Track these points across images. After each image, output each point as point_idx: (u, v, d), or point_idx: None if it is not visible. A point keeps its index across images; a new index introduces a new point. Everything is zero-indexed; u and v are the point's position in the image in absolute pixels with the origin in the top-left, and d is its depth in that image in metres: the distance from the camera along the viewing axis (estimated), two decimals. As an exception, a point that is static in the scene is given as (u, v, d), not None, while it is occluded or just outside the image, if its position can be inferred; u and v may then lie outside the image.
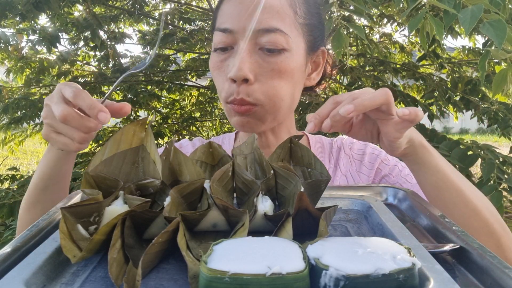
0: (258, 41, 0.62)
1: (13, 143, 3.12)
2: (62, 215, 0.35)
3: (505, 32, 0.67)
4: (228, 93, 0.64)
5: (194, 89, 3.17)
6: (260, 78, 0.63)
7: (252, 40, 0.62)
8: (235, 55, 0.63)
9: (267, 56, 0.62)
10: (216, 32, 0.65)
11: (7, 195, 1.38)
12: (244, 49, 0.61)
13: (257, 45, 0.62)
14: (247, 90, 0.62)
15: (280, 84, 0.64)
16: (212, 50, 0.67)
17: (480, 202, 0.58)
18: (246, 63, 0.61)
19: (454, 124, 10.55)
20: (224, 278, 0.28)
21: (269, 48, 0.61)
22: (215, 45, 0.65)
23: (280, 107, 0.66)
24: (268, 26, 0.61)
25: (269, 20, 0.61)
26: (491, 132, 9.12)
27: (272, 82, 0.63)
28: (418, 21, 0.73)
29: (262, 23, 0.61)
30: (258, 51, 0.62)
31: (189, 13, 2.80)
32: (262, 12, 0.61)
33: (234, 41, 0.63)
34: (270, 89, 0.63)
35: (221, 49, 0.64)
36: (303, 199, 0.39)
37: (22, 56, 2.51)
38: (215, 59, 0.66)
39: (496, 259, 0.34)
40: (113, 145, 0.47)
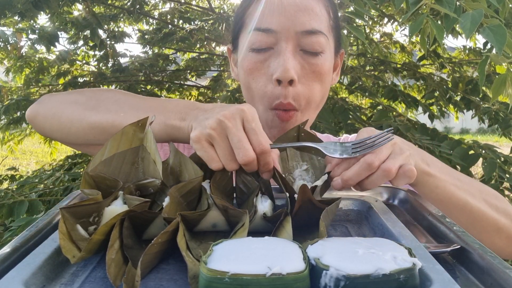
0: (300, 42, 0.61)
1: (12, 142, 3.12)
2: (61, 215, 0.35)
3: (505, 38, 0.67)
4: (274, 96, 0.61)
5: (194, 89, 3.17)
6: (302, 80, 0.62)
7: (294, 41, 0.61)
8: (276, 56, 0.61)
9: (308, 58, 0.62)
10: (254, 32, 0.62)
11: (6, 195, 1.38)
12: (287, 50, 0.60)
13: (298, 46, 0.61)
14: (293, 93, 0.61)
15: (318, 86, 0.64)
16: (246, 50, 0.64)
17: (484, 203, 0.57)
18: (292, 63, 0.60)
19: (455, 124, 10.54)
20: (224, 278, 0.28)
21: (311, 50, 0.61)
22: (252, 45, 0.62)
23: (311, 109, 0.65)
24: (311, 28, 0.60)
25: (312, 22, 0.61)
26: (491, 132, 9.12)
27: (312, 84, 0.63)
28: (419, 25, 0.73)
29: (305, 25, 0.60)
30: (299, 52, 0.62)
31: (189, 13, 2.80)
32: (303, 13, 0.60)
33: (275, 42, 0.61)
34: (309, 91, 0.63)
35: (259, 50, 0.62)
36: (306, 191, 0.39)
37: (21, 55, 2.50)
38: (252, 59, 0.63)
39: (497, 259, 0.34)
40: (113, 145, 0.47)
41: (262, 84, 0.63)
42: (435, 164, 0.58)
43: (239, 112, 0.47)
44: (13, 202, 1.32)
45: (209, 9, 2.72)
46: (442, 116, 2.19)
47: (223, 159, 0.46)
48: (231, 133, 0.45)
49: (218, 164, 0.46)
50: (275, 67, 0.60)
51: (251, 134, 0.46)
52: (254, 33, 0.62)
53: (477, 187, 0.60)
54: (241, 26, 0.67)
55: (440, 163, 0.59)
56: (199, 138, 0.47)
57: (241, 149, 0.45)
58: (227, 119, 0.46)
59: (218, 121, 0.46)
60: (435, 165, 0.57)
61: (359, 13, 0.87)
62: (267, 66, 0.62)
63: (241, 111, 0.47)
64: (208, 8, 2.74)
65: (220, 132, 0.46)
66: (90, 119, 0.59)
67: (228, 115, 0.46)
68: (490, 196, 0.59)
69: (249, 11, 0.65)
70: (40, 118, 0.66)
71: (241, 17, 0.67)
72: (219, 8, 2.98)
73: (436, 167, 0.57)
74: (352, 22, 1.36)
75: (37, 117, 0.66)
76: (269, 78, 0.62)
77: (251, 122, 0.46)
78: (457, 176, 0.59)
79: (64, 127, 0.62)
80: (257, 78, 0.63)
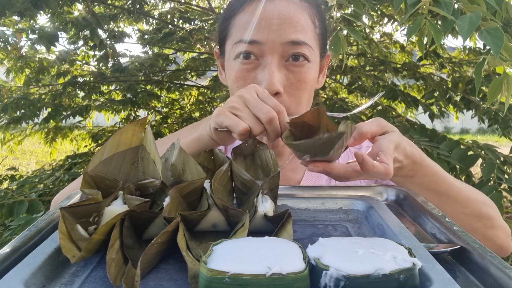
0: (285, 53, 0.63)
1: (12, 142, 3.12)
2: (61, 215, 0.35)
3: (502, 41, 0.67)
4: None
5: (193, 88, 3.17)
6: (288, 89, 0.64)
7: (279, 52, 0.63)
8: (263, 67, 0.63)
9: (292, 68, 0.64)
10: (240, 44, 0.64)
11: (6, 195, 1.38)
12: (272, 62, 0.62)
13: (283, 58, 0.63)
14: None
15: (304, 94, 0.66)
16: (232, 59, 0.66)
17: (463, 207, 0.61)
18: (277, 77, 0.62)
19: (455, 124, 10.55)
20: (224, 278, 0.28)
21: (295, 61, 0.63)
22: (237, 55, 0.64)
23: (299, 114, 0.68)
24: (296, 39, 0.62)
25: (296, 34, 0.62)
26: (491, 132, 9.13)
27: (298, 93, 0.65)
28: (417, 27, 0.73)
29: (290, 36, 0.62)
30: (284, 64, 0.64)
31: (189, 12, 2.80)
32: (288, 25, 0.62)
33: (260, 54, 0.63)
34: (296, 99, 0.65)
35: (245, 57, 0.64)
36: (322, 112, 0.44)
37: (21, 55, 2.50)
38: (239, 69, 0.65)
39: (497, 259, 0.34)
40: (113, 145, 0.47)
41: None
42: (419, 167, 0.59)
43: (252, 87, 0.55)
44: (13, 202, 1.32)
45: (209, 9, 2.72)
46: (442, 116, 2.19)
47: (249, 121, 0.52)
48: (250, 101, 0.53)
49: (244, 124, 0.51)
50: (261, 79, 0.63)
51: (265, 100, 0.53)
52: (240, 44, 0.64)
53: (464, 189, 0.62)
54: (226, 34, 0.68)
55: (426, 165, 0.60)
56: (222, 110, 0.53)
57: (262, 109, 0.52)
58: (243, 93, 0.54)
59: (236, 96, 0.54)
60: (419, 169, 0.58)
61: (357, 14, 0.87)
62: (253, 77, 0.64)
63: (252, 86, 0.55)
64: (208, 8, 2.74)
65: (241, 103, 0.53)
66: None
67: (243, 91, 0.55)
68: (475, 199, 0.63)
69: (234, 21, 0.66)
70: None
71: (226, 26, 0.68)
72: (219, 8, 2.98)
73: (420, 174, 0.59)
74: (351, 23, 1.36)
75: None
76: None
77: (263, 92, 0.54)
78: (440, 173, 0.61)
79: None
80: (242, 87, 0.65)
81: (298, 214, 0.50)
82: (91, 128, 3.21)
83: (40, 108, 2.42)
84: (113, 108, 2.83)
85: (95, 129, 2.96)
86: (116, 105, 2.79)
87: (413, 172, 0.57)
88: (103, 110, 2.83)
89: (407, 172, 0.57)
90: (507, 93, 0.78)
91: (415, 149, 0.57)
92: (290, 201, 0.52)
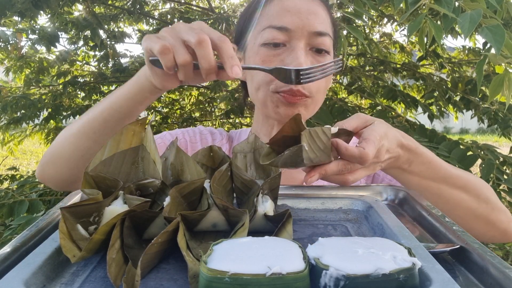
0: (310, 41, 0.67)
1: (12, 143, 3.11)
2: (61, 215, 0.35)
3: (504, 38, 0.67)
4: (281, 84, 0.66)
5: (194, 88, 3.17)
6: None
7: (306, 40, 0.67)
8: (290, 52, 0.66)
9: (316, 56, 0.68)
10: (269, 29, 0.67)
11: (7, 195, 1.38)
12: (300, 47, 0.66)
13: (309, 45, 0.67)
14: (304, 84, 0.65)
15: (323, 83, 0.70)
16: (258, 45, 0.68)
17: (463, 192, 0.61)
18: (304, 58, 0.65)
19: (454, 124, 10.55)
20: (224, 278, 0.28)
21: (319, 49, 0.68)
22: (267, 40, 0.67)
23: (319, 103, 0.72)
24: (322, 29, 0.67)
25: (321, 25, 0.68)
26: (491, 132, 9.12)
27: (321, 80, 0.67)
28: (417, 25, 0.73)
29: (316, 27, 0.67)
30: (309, 51, 0.68)
31: (189, 13, 2.80)
32: (314, 16, 0.67)
33: (288, 40, 0.67)
34: (319, 85, 0.69)
35: (274, 45, 0.67)
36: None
37: (21, 55, 2.50)
38: (266, 53, 0.67)
39: (497, 259, 0.34)
40: (113, 145, 0.47)
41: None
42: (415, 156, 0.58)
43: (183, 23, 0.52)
44: (13, 202, 1.32)
45: (209, 9, 2.72)
46: (442, 116, 2.19)
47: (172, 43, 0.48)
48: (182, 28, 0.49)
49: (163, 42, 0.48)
50: (289, 61, 0.65)
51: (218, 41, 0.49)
52: (268, 30, 0.67)
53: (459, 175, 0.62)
54: (249, 24, 0.72)
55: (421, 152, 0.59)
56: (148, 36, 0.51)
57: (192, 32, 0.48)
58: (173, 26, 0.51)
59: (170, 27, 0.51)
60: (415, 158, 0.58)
61: (358, 13, 0.87)
62: (280, 60, 0.67)
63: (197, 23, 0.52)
64: (208, 8, 2.74)
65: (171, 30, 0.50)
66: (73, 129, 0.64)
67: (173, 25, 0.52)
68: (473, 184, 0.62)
69: (261, 11, 0.70)
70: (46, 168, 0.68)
71: (250, 16, 0.72)
72: (219, 8, 2.98)
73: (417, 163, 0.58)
74: (351, 23, 1.36)
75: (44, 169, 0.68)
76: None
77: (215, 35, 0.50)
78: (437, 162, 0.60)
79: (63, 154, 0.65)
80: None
81: (298, 214, 0.50)
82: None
83: (40, 109, 2.42)
84: (113, 108, 2.82)
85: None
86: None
87: (409, 162, 0.57)
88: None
89: (404, 162, 0.57)
90: (507, 91, 0.78)
91: (407, 138, 0.57)
92: (290, 201, 0.52)
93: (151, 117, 0.68)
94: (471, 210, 0.60)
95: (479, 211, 0.61)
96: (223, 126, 3.31)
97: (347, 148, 0.47)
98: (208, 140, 0.81)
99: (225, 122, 3.22)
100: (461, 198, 0.60)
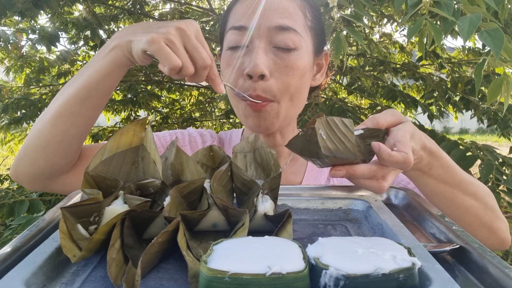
0: (272, 39, 0.63)
1: (12, 142, 3.11)
2: (62, 215, 0.35)
3: (503, 42, 0.67)
4: (243, 89, 0.64)
5: (194, 89, 3.17)
6: (275, 74, 0.64)
7: (267, 38, 0.63)
8: (250, 53, 0.63)
9: (280, 53, 0.64)
10: (231, 31, 0.66)
11: (7, 195, 1.38)
12: (259, 47, 0.63)
13: (271, 43, 0.64)
14: (263, 86, 0.63)
15: (293, 81, 0.65)
16: (225, 49, 0.67)
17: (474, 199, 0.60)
18: (262, 59, 0.62)
19: (454, 124, 10.55)
20: (224, 278, 0.28)
21: (283, 46, 0.63)
22: (229, 43, 0.66)
23: (293, 103, 0.67)
24: (283, 24, 0.63)
25: (284, 19, 0.63)
26: (491, 132, 9.13)
27: (287, 79, 0.64)
28: (417, 28, 0.73)
29: (276, 21, 0.63)
30: (272, 49, 0.64)
31: (189, 13, 2.80)
32: (276, 11, 0.63)
33: (249, 40, 0.64)
34: (284, 85, 0.64)
35: (234, 48, 0.65)
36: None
37: (22, 55, 2.50)
38: (228, 57, 0.66)
39: (496, 259, 0.34)
40: (113, 145, 0.47)
41: (234, 79, 0.66)
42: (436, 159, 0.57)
43: (192, 26, 0.53)
44: (13, 201, 1.32)
45: (209, 9, 2.72)
46: (441, 116, 2.19)
47: (183, 58, 0.50)
48: (190, 40, 0.51)
49: (178, 62, 0.50)
50: (247, 63, 0.63)
51: (203, 44, 0.53)
52: (230, 32, 0.66)
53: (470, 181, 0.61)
54: (224, 28, 0.70)
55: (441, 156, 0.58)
56: (156, 39, 0.50)
57: (202, 53, 0.51)
58: (183, 26, 0.51)
59: (176, 28, 0.51)
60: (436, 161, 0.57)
61: (358, 15, 0.87)
62: (240, 63, 0.65)
63: (191, 25, 0.53)
64: (208, 8, 2.74)
65: (179, 39, 0.51)
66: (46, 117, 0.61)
67: (183, 26, 0.52)
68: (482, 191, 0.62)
69: (229, 13, 0.69)
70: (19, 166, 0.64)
71: (225, 21, 0.70)
72: (219, 9, 2.98)
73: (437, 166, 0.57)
74: (351, 24, 1.36)
75: (16, 168, 0.65)
76: (241, 73, 0.64)
77: (201, 36, 0.53)
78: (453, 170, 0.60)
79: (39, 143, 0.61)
80: (230, 74, 0.66)
81: (298, 214, 0.50)
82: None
83: (40, 109, 2.42)
84: (113, 108, 2.83)
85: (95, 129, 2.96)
86: (117, 105, 2.79)
87: (430, 165, 0.55)
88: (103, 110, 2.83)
89: (426, 165, 0.55)
90: (506, 93, 0.78)
91: (430, 141, 0.55)
92: (290, 201, 0.52)
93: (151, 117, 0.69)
94: (478, 217, 0.60)
95: (485, 219, 0.60)
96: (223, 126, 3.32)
97: (391, 154, 0.44)
98: (198, 142, 0.79)
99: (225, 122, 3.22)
100: (471, 204, 0.59)
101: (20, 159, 0.64)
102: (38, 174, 0.64)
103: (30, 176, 0.65)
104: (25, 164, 0.63)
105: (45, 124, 0.61)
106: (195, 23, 0.54)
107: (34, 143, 0.62)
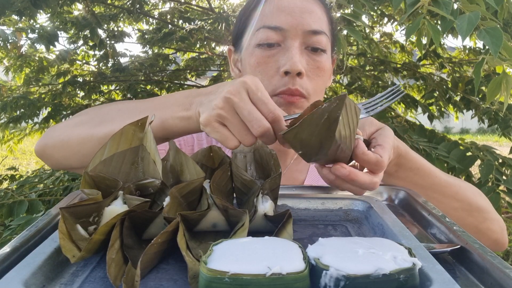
0: (305, 40, 0.66)
1: (11, 142, 3.11)
2: (61, 215, 0.35)
3: (501, 40, 0.67)
4: (279, 85, 0.65)
5: (193, 88, 3.17)
6: (308, 73, 0.66)
7: (301, 39, 0.66)
8: (284, 52, 0.65)
9: (312, 55, 0.67)
10: (264, 29, 0.66)
11: (6, 195, 1.38)
12: (295, 46, 0.65)
13: (304, 44, 0.66)
14: (301, 83, 0.65)
15: (321, 82, 0.69)
16: (255, 46, 0.67)
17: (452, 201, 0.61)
18: (299, 58, 0.64)
19: (455, 124, 10.55)
20: (224, 278, 0.28)
21: (315, 48, 0.66)
22: (261, 41, 0.66)
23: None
24: (317, 28, 0.66)
25: (316, 23, 0.67)
26: (491, 132, 9.13)
27: (317, 79, 0.67)
28: (416, 27, 0.74)
29: (310, 25, 0.66)
30: (304, 50, 0.67)
31: (189, 12, 2.80)
32: (309, 15, 0.66)
33: (283, 39, 0.66)
34: (316, 85, 0.67)
35: (268, 45, 0.66)
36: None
37: (21, 54, 2.50)
38: (260, 54, 0.67)
39: (497, 259, 0.34)
40: (113, 145, 0.47)
41: (270, 75, 0.66)
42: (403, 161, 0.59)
43: (243, 85, 0.46)
44: (13, 202, 1.32)
45: (209, 9, 2.72)
46: (442, 116, 2.19)
47: (238, 135, 0.46)
48: (240, 107, 0.45)
49: (234, 141, 0.47)
50: (284, 61, 0.64)
51: (259, 104, 0.46)
52: (263, 30, 0.66)
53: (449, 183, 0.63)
54: (247, 25, 0.71)
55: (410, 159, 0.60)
56: (208, 121, 0.47)
57: (253, 120, 0.45)
58: (232, 95, 0.46)
59: (224, 99, 0.46)
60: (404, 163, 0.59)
61: (357, 14, 0.87)
62: (275, 60, 0.66)
63: (244, 83, 0.47)
64: (208, 8, 2.74)
65: (229, 110, 0.46)
66: (99, 134, 0.58)
67: (232, 91, 0.46)
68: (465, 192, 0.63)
69: (256, 12, 0.69)
70: (50, 150, 0.65)
71: (247, 17, 0.71)
72: (219, 8, 2.98)
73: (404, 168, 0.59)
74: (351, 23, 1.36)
75: (46, 150, 0.65)
76: (277, 71, 0.65)
77: (256, 92, 0.46)
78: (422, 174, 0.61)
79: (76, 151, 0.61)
80: (264, 70, 0.67)
81: (298, 214, 0.50)
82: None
83: (40, 108, 2.42)
84: (113, 108, 2.82)
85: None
86: (116, 105, 2.78)
87: (397, 166, 0.57)
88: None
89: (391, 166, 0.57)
90: (506, 92, 0.78)
91: (399, 142, 0.57)
92: (290, 201, 0.52)
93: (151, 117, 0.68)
94: (460, 219, 0.61)
95: (469, 220, 0.61)
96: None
97: (365, 153, 0.46)
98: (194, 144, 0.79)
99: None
100: (450, 206, 0.61)
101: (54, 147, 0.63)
102: (68, 167, 0.66)
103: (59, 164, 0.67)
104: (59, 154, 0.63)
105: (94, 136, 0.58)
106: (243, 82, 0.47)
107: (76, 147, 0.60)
